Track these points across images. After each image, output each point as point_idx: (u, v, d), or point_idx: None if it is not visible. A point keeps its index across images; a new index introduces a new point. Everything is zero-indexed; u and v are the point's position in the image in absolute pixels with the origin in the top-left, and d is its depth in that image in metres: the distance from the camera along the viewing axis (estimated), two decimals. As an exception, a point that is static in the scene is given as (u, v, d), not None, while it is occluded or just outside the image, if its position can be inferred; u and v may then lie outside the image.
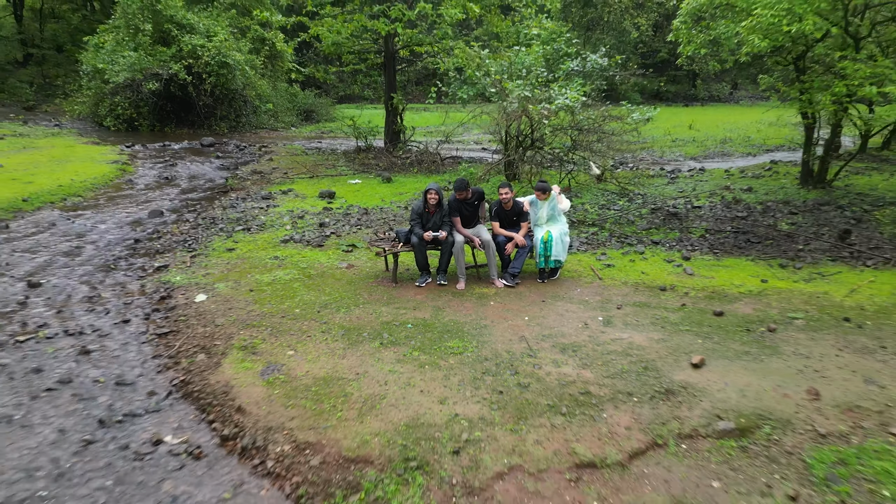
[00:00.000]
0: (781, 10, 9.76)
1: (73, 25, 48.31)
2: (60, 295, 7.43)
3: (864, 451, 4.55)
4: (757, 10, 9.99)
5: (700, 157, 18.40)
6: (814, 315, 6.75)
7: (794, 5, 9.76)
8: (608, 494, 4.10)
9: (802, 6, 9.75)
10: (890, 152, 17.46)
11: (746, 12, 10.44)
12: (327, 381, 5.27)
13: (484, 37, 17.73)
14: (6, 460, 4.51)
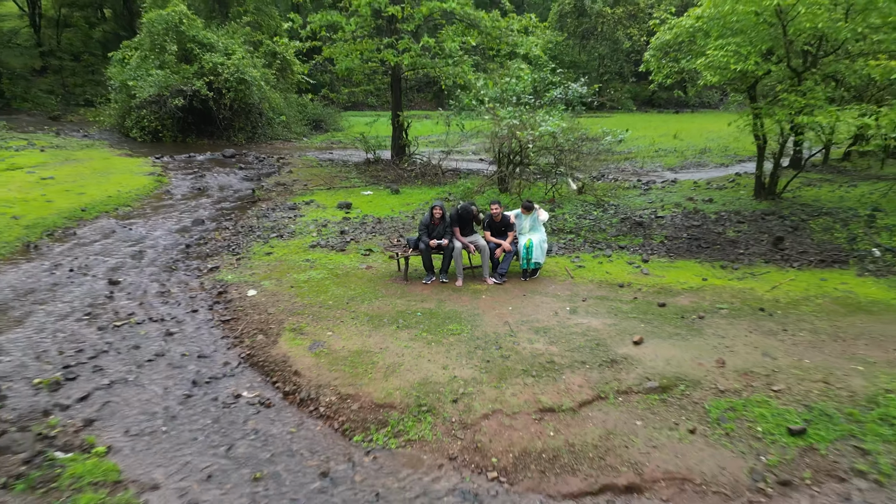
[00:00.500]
0: (730, 52, 11.50)
1: (84, 33, 49.94)
2: (138, 290, 9.15)
3: (749, 402, 6.26)
4: (710, 51, 11.72)
5: (677, 168, 20.11)
6: (736, 306, 8.46)
7: (741, 48, 11.50)
8: (561, 427, 5.82)
9: (747, 48, 11.48)
10: (849, 163, 19.14)
11: (702, 51, 12.17)
12: (359, 353, 6.98)
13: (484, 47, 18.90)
14: (132, 407, 6.23)
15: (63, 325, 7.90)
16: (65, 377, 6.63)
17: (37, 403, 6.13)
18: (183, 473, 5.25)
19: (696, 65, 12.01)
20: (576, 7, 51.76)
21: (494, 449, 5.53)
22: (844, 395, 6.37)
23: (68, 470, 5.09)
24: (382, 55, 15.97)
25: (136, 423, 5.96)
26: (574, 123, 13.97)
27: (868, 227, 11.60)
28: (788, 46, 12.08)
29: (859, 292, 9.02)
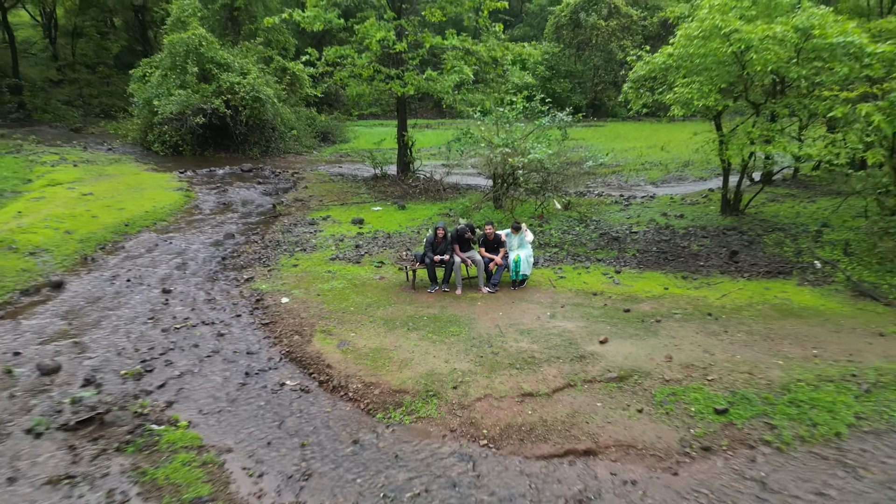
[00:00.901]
0: (693, 89, 13.12)
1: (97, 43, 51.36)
2: (188, 298, 10.76)
3: (687, 389, 7.87)
4: (677, 88, 13.34)
5: (659, 182, 21.73)
6: (689, 311, 10.07)
7: (703, 86, 13.13)
8: (537, 408, 7.42)
9: (708, 86, 13.11)
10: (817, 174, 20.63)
11: (670, 87, 13.78)
12: (377, 350, 8.59)
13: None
14: (200, 392, 7.83)
15: (132, 328, 9.51)
16: (144, 369, 8.25)
17: (127, 389, 7.75)
18: (248, 441, 6.86)
19: (666, 99, 13.62)
20: (571, 19, 53.36)
21: (485, 423, 7.14)
22: (763, 383, 7.98)
23: (164, 437, 6.71)
24: (390, 85, 17.62)
25: (206, 405, 7.58)
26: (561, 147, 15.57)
27: (815, 241, 13.21)
28: (747, 84, 13.70)
29: (795, 300, 10.64)
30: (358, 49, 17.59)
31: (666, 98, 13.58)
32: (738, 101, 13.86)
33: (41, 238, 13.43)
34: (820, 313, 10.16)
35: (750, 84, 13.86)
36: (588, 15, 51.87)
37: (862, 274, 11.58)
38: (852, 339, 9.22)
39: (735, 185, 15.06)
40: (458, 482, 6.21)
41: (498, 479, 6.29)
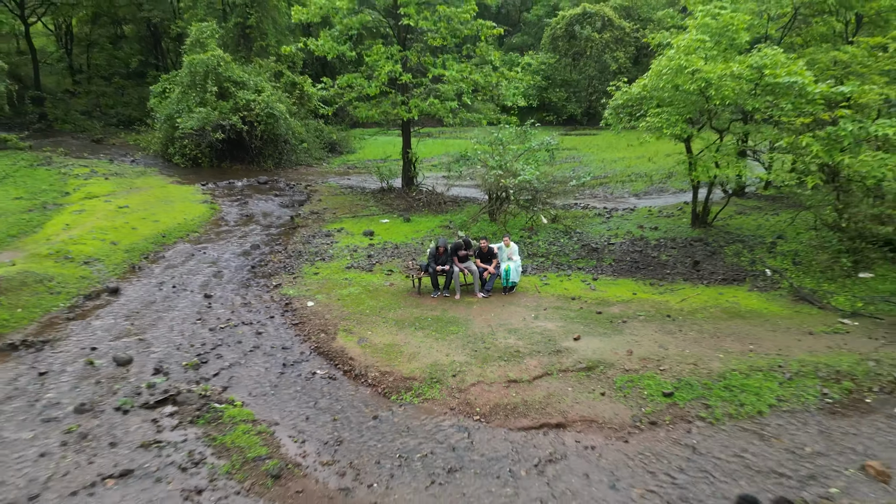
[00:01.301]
0: (663, 119, 14.89)
1: (109, 53, 52.96)
2: (227, 302, 12.53)
3: (642, 377, 9.61)
4: (648, 118, 15.11)
5: (641, 194, 23.47)
6: (651, 313, 11.83)
7: (671, 116, 14.90)
8: (520, 391, 9.16)
9: (675, 117, 14.88)
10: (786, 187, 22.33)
11: (644, 115, 15.55)
12: (390, 346, 10.34)
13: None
14: (248, 380, 9.58)
15: (184, 327, 11.28)
16: (200, 361, 10.00)
17: (189, 377, 9.51)
18: (291, 417, 8.61)
19: (640, 126, 15.38)
20: (566, 31, 55.10)
21: (478, 403, 8.89)
22: (705, 372, 9.73)
23: (226, 413, 8.47)
24: (396, 111, 19.39)
25: (254, 389, 9.33)
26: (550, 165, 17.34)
27: (768, 252, 14.97)
28: (711, 113, 15.47)
29: (743, 304, 12.39)
30: (367, 76, 19.35)
31: (640, 126, 15.33)
32: (703, 129, 15.64)
33: (91, 249, 15.19)
34: (762, 315, 11.92)
35: (714, 114, 15.63)
36: (582, 28, 53.61)
37: (804, 281, 13.34)
38: (785, 337, 10.97)
39: (703, 200, 16.82)
40: (456, 447, 7.97)
41: (487, 444, 8.04)
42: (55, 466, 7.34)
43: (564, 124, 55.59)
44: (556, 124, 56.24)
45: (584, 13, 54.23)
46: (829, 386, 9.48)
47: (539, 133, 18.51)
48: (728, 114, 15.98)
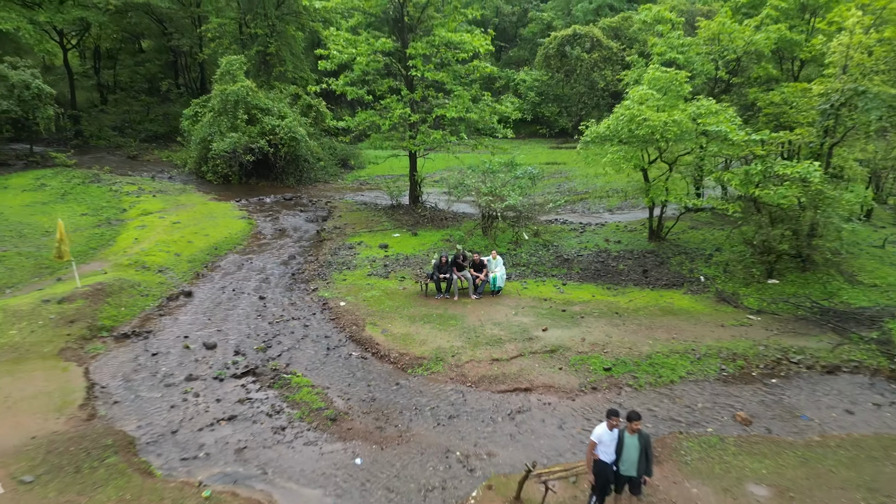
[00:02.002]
0: (620, 156, 18.27)
1: (131, 69, 56.20)
2: (278, 302, 15.90)
3: (590, 357, 12.99)
4: (609, 155, 18.49)
5: (614, 209, 26.81)
6: (604, 311, 15.20)
7: (627, 153, 18.29)
8: (501, 367, 12.53)
9: (630, 153, 18.27)
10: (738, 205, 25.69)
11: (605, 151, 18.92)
12: (406, 335, 13.72)
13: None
14: (303, 359, 12.96)
15: (249, 321, 14.65)
16: (266, 345, 13.38)
17: (261, 357, 12.87)
18: (337, 384, 11.98)
19: (603, 162, 18.75)
20: (558, 51, 58.44)
21: (470, 375, 12.26)
22: (636, 353, 13.10)
23: (292, 381, 11.85)
24: (405, 144, 22.83)
25: (308, 365, 12.70)
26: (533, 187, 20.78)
27: (706, 262, 18.35)
28: (661, 150, 18.86)
29: (676, 304, 15.77)
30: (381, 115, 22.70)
31: (602, 161, 18.71)
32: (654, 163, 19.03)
33: (161, 259, 18.57)
34: (689, 312, 15.31)
35: (663, 151, 19.02)
36: (573, 48, 56.95)
37: (728, 286, 16.73)
38: (702, 329, 14.36)
39: (658, 218, 20.20)
40: (454, 403, 11.33)
41: (476, 401, 11.41)
42: (183, 414, 10.71)
43: (556, 137, 58.81)
44: (548, 137, 59.50)
45: (574, 34, 57.56)
46: (726, 363, 12.86)
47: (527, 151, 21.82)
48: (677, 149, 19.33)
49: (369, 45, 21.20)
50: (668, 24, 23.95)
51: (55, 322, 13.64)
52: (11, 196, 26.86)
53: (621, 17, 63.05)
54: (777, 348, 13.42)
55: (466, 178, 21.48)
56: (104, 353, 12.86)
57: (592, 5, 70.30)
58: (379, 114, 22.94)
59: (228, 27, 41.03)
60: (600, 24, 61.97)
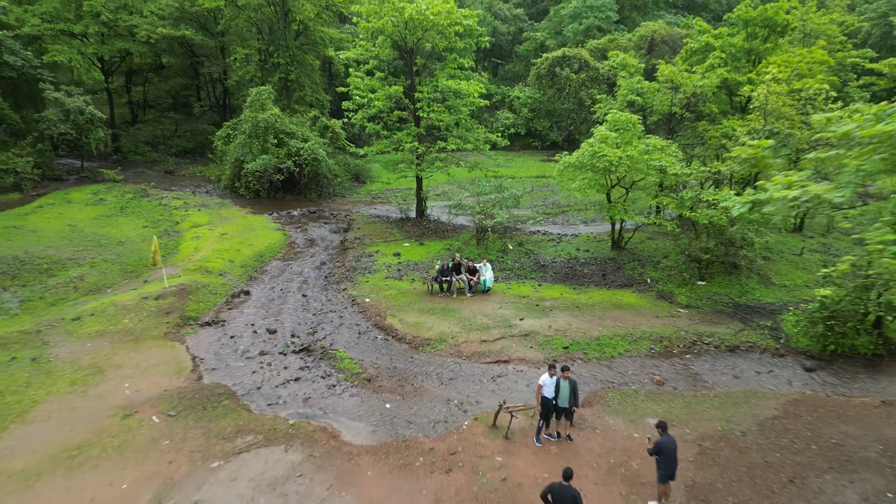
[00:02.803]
0: (585, 183, 22.52)
1: (157, 87, 60.32)
2: (317, 299, 20.13)
3: (554, 339, 17.24)
4: (576, 182, 22.74)
5: (589, 221, 31.01)
6: (568, 305, 19.44)
7: (591, 181, 22.53)
8: (487, 346, 16.77)
9: (594, 180, 22.51)
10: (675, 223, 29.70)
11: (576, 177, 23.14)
12: (417, 323, 17.97)
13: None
14: (342, 340, 17.21)
15: (297, 313, 18.89)
16: (313, 330, 17.63)
17: (311, 339, 17.12)
18: (369, 357, 16.22)
19: (571, 188, 22.96)
20: (549, 71, 62.68)
21: (464, 352, 16.50)
22: (588, 336, 17.33)
23: (336, 355, 16.11)
24: (413, 171, 27.13)
25: (347, 345, 16.94)
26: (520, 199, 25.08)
27: (654, 267, 22.57)
28: (620, 178, 23.10)
29: (624, 300, 20.00)
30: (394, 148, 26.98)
31: (571, 186, 22.95)
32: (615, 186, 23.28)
33: (219, 265, 22.81)
34: (633, 306, 19.54)
35: (621, 178, 23.25)
36: (562, 69, 61.19)
37: (667, 286, 20.97)
38: (641, 318, 18.59)
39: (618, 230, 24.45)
40: (452, 370, 15.57)
41: (468, 369, 15.63)
42: (262, 377, 14.94)
43: (547, 149, 62.90)
44: (540, 149, 63.59)
45: (563, 56, 61.75)
46: (655, 344, 17.08)
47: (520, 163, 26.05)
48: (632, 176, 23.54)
49: (384, 91, 25.48)
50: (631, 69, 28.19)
51: (155, 313, 17.91)
52: (78, 210, 31.13)
53: (608, 38, 67.41)
54: (694, 333, 17.65)
55: (463, 199, 25.75)
56: (195, 336, 17.12)
57: (582, 26, 74.29)
58: (392, 145, 27.24)
59: (253, 57, 45.23)
60: (588, 45, 66.28)
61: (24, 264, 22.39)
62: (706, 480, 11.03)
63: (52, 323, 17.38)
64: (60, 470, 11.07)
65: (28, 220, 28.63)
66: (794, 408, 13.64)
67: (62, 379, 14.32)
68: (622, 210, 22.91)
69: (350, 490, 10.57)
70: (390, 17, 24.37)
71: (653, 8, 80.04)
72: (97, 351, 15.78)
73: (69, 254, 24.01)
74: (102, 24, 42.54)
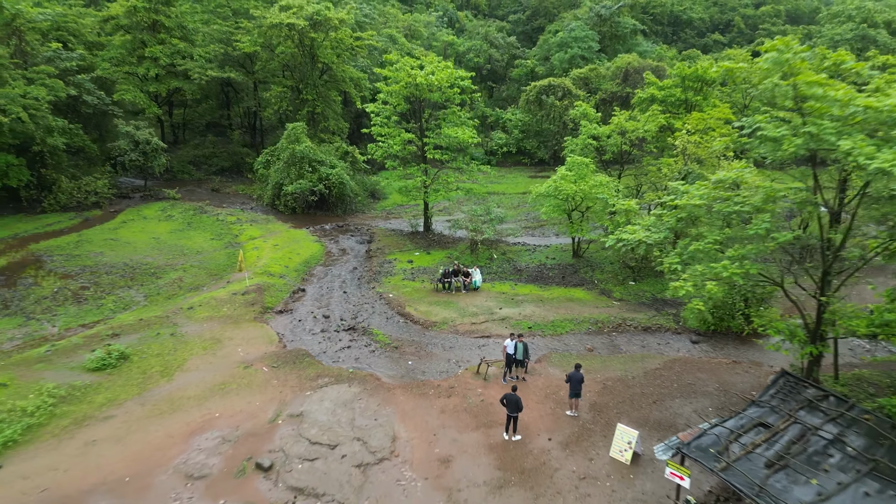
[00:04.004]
0: (551, 206, 29.38)
1: (192, 110, 66.97)
2: (355, 294, 26.97)
3: (523, 321, 24.15)
4: (544, 207, 29.58)
5: (560, 234, 37.80)
6: (535, 299, 26.28)
7: (556, 205, 29.39)
8: (475, 326, 23.67)
9: (559, 205, 29.38)
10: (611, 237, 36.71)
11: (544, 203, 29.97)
12: (427, 311, 24.85)
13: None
14: (376, 323, 24.11)
15: (342, 304, 25.77)
16: (355, 316, 24.51)
17: (356, 322, 23.99)
18: (395, 334, 23.09)
19: (541, 211, 29.75)
20: (537, 98, 69.51)
21: (460, 330, 23.37)
22: (547, 320, 24.21)
23: (373, 332, 23.01)
24: (421, 196, 34.02)
25: (379, 325, 23.81)
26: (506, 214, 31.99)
27: (602, 271, 29.40)
28: (577, 204, 29.93)
29: (575, 295, 26.87)
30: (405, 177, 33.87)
31: (541, 210, 29.79)
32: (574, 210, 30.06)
33: (278, 269, 29.66)
34: (581, 300, 26.41)
35: (578, 204, 30.06)
36: (548, 97, 67.99)
37: (608, 285, 27.81)
38: (585, 308, 25.45)
39: (577, 243, 31.26)
40: (452, 341, 22.45)
41: (463, 341, 22.51)
42: (325, 346, 21.79)
43: (535, 166, 69.63)
44: (529, 165, 70.24)
45: (549, 85, 68.53)
46: (592, 325, 23.93)
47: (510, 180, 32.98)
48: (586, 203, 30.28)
49: (400, 137, 32.36)
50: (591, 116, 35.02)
51: (244, 304, 24.79)
52: (154, 224, 38.01)
53: (589, 68, 74.17)
54: (621, 318, 24.48)
55: (460, 219, 32.65)
56: (274, 320, 23.98)
57: (567, 55, 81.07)
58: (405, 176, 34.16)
59: (286, 94, 52.03)
60: (571, 74, 73.04)
61: (134, 269, 29.30)
62: (603, 401, 17.89)
63: (174, 311, 24.25)
64: (216, 396, 17.93)
65: (119, 234, 35.51)
66: (671, 364, 20.51)
67: (196, 346, 21.20)
68: (579, 228, 29.75)
69: (390, 406, 17.44)
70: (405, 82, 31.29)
71: (630, 37, 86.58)
72: (212, 329, 22.65)
73: (163, 261, 30.91)
74: (160, 68, 49.44)
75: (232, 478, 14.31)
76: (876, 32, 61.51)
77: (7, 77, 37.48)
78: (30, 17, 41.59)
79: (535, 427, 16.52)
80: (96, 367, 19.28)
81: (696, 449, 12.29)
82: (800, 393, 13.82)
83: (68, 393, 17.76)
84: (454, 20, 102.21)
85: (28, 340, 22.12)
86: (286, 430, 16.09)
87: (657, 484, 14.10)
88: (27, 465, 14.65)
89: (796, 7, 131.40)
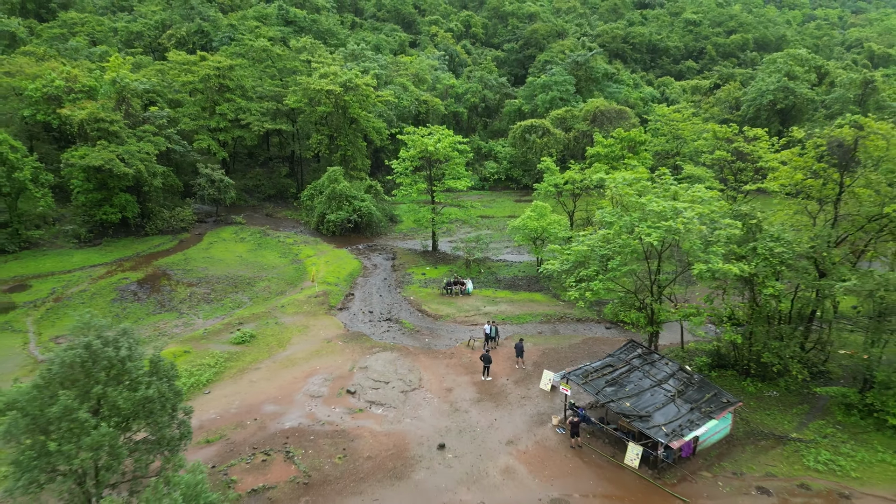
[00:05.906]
0: (520, 238, 40.58)
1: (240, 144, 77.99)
2: (388, 297, 38.17)
3: (498, 315, 35.39)
4: (517, 237, 40.80)
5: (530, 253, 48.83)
6: (508, 300, 37.50)
7: (524, 234, 40.63)
8: (469, 315, 34.96)
9: (524, 238, 40.65)
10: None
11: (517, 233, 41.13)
12: (437, 308, 36.15)
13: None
14: (403, 315, 35.34)
15: (380, 304, 37.02)
16: (389, 311, 35.76)
17: (390, 315, 35.24)
18: (416, 322, 34.38)
19: (515, 239, 40.84)
20: (521, 135, 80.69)
21: (458, 320, 34.65)
22: (514, 314, 35.47)
23: (402, 322, 34.26)
24: (430, 228, 45.20)
25: (405, 317, 35.11)
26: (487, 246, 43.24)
27: (554, 281, 40.57)
28: (541, 234, 41.14)
29: (535, 298, 38.09)
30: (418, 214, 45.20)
31: (515, 238, 40.95)
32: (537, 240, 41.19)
33: (332, 279, 40.88)
34: (540, 301, 37.65)
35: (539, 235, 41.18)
36: (531, 135, 79.18)
37: (558, 290, 39.00)
38: (541, 307, 36.73)
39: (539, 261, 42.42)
40: (453, 328, 33.80)
41: (459, 327, 33.80)
42: (372, 329, 33.03)
43: (521, 191, 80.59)
44: (516, 190, 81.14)
45: (531, 125, 79.72)
46: (543, 317, 35.19)
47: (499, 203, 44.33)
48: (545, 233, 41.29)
49: (416, 187, 43.64)
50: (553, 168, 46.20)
51: (317, 304, 36.01)
52: (234, 245, 49.28)
53: (565, 109, 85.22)
54: (563, 312, 35.62)
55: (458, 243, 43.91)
56: (338, 314, 35.18)
57: (548, 97, 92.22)
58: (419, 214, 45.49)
59: (324, 140, 63.22)
60: (550, 115, 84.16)
61: (234, 280, 40.56)
62: (541, 360, 29.07)
63: (272, 308, 35.45)
64: (314, 357, 29.14)
65: (211, 253, 46.76)
66: (588, 340, 31.72)
67: (294, 330, 32.40)
68: (539, 251, 40.88)
69: (417, 363, 28.62)
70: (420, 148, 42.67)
71: (602, 80, 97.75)
72: (300, 320, 33.84)
73: (252, 274, 42.15)
74: (228, 122, 60.81)
75: (335, 397, 25.51)
76: (795, 84, 72.49)
77: (124, 136, 48.87)
78: (133, 88, 52.99)
79: (500, 373, 27.69)
80: (238, 342, 30.49)
81: (573, 375, 23.44)
82: (635, 350, 24.98)
83: (229, 355, 29.01)
84: (454, 56, 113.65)
85: (186, 328, 33.33)
86: (359, 375, 27.28)
87: (561, 399, 25.25)
88: (223, 391, 25.88)
89: (764, 36, 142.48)
